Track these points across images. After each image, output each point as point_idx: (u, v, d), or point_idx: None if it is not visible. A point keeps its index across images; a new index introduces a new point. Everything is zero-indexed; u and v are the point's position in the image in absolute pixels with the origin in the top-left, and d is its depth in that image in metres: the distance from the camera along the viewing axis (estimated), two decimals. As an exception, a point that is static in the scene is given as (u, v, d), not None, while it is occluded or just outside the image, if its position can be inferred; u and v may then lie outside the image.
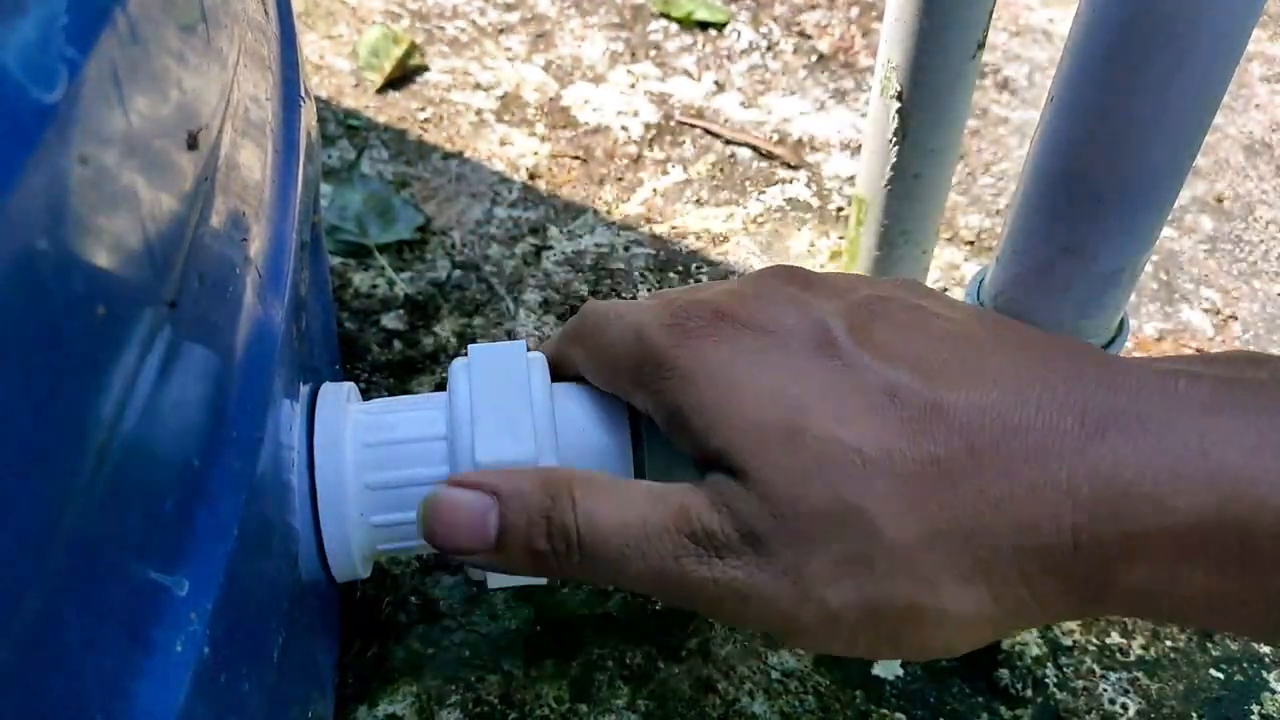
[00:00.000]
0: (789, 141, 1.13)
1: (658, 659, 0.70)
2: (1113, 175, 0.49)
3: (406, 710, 0.66)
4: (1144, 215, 0.51)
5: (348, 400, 0.54)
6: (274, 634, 0.41)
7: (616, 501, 0.41)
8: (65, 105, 0.25)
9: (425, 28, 1.23)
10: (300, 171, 0.53)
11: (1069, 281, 0.54)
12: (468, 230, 1.00)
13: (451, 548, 0.44)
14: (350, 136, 1.08)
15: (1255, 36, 1.30)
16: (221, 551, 0.35)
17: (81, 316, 0.27)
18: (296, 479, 0.47)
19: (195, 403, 0.36)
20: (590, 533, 0.41)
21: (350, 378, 0.85)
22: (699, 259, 0.99)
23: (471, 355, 0.52)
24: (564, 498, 0.41)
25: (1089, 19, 0.47)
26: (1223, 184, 1.12)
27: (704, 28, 1.27)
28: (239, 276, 0.41)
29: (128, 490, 0.30)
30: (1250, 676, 0.72)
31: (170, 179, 0.34)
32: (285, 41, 0.59)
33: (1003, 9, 1.32)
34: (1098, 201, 0.51)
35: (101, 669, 0.29)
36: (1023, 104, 1.19)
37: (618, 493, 0.42)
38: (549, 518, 0.41)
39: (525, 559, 0.42)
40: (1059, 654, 0.73)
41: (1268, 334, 0.96)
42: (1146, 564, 0.34)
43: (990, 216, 1.05)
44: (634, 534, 0.40)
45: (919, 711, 0.69)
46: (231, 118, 0.42)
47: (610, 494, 0.42)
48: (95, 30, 0.27)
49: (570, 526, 0.41)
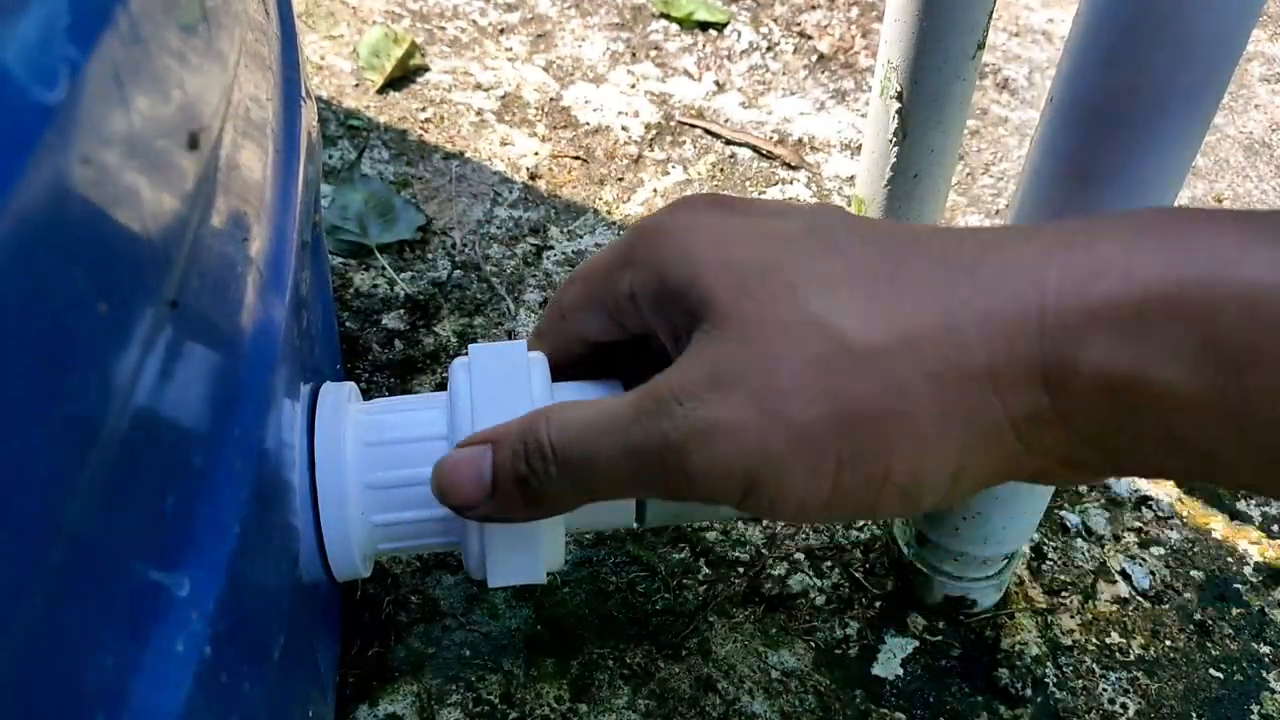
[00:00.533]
0: (789, 142, 1.13)
1: (658, 659, 0.70)
2: (1113, 175, 0.49)
3: (407, 709, 0.66)
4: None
5: (348, 400, 0.54)
6: (275, 633, 0.41)
7: (584, 408, 0.43)
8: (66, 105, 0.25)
9: (426, 28, 1.23)
10: (301, 171, 0.53)
11: (1069, 281, 0.54)
12: (468, 230, 1.00)
13: (459, 502, 0.45)
14: (351, 136, 1.08)
15: (1255, 36, 1.30)
16: (222, 551, 0.35)
17: (83, 315, 0.27)
18: (297, 478, 0.47)
19: (196, 402, 0.36)
20: (561, 438, 0.42)
21: (351, 377, 0.85)
22: (699, 259, 0.99)
23: (472, 355, 0.53)
24: (539, 421, 0.43)
25: (1089, 19, 0.47)
26: (1223, 184, 1.12)
27: (704, 28, 1.27)
28: (240, 276, 0.41)
29: (128, 489, 0.30)
30: (1250, 676, 0.72)
31: (171, 179, 0.34)
32: (286, 42, 0.59)
33: (1003, 9, 1.32)
34: (1098, 201, 0.51)
35: (102, 668, 0.29)
36: (1022, 104, 1.19)
37: (586, 404, 0.43)
38: (525, 442, 0.43)
39: (515, 493, 0.44)
40: (1059, 654, 0.73)
41: (1268, 334, 0.96)
42: (1108, 337, 0.34)
43: (990, 217, 1.05)
44: (599, 422, 0.41)
45: (919, 711, 0.69)
46: (232, 118, 0.43)
47: (579, 406, 0.43)
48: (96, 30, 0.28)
49: (544, 441, 0.42)
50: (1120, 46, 0.46)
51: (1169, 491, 0.84)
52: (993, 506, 0.65)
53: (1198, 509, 0.83)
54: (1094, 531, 0.81)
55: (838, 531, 0.79)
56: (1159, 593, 0.77)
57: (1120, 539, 0.81)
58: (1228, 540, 0.81)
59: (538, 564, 0.50)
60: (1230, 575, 0.79)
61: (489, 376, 0.51)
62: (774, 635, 0.72)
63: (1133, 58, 0.45)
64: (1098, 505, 0.83)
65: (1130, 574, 0.78)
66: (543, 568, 0.51)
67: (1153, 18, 0.44)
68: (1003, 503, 0.65)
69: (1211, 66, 0.45)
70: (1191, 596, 0.77)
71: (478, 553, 0.50)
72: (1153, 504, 0.83)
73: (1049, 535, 0.80)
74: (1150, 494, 0.84)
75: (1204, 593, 0.78)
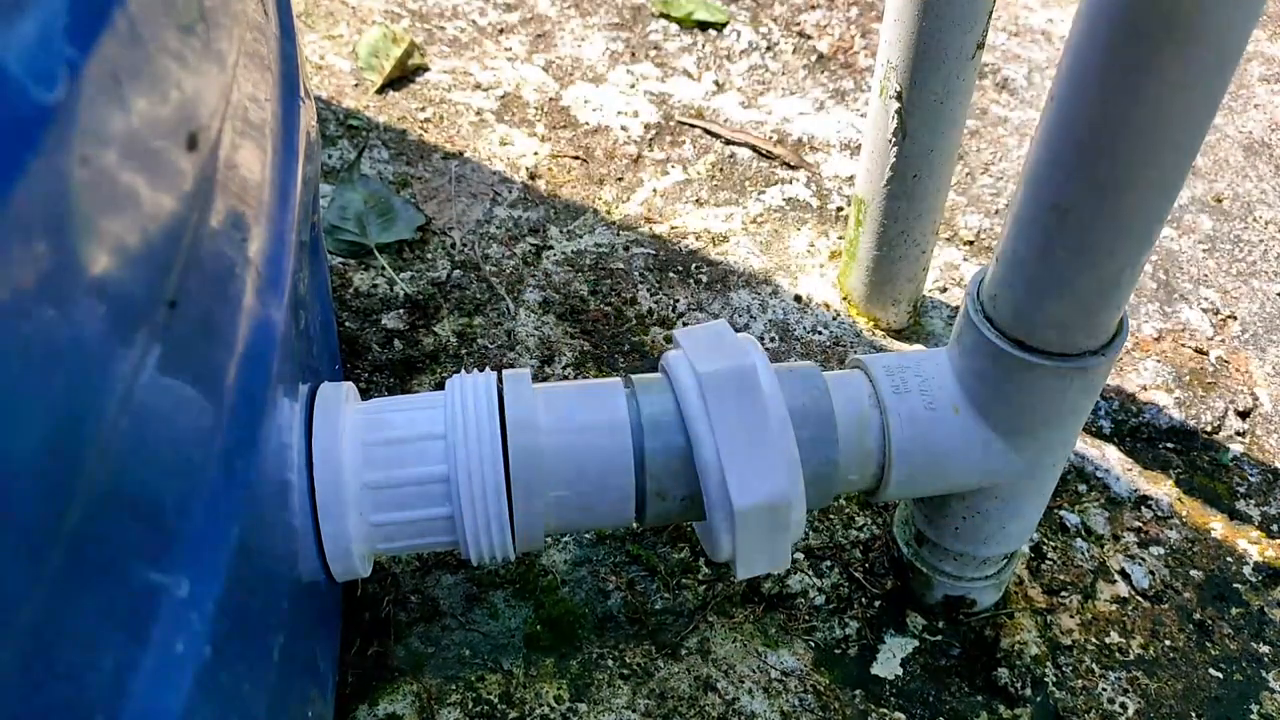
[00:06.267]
0: (788, 142, 1.13)
1: (657, 658, 0.70)
2: (1112, 175, 0.49)
3: (407, 709, 0.66)
4: (1143, 215, 0.51)
5: (346, 400, 0.54)
6: (274, 633, 0.41)
7: None
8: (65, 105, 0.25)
9: (425, 28, 1.23)
10: (300, 171, 0.53)
11: (1069, 281, 0.54)
12: (468, 230, 1.00)
13: None
14: (350, 136, 1.08)
15: (1255, 36, 1.30)
16: (222, 551, 0.35)
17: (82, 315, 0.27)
18: (296, 478, 0.47)
19: (195, 402, 0.36)
20: None
21: (350, 377, 0.85)
22: (699, 259, 0.99)
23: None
24: None
25: (1089, 19, 0.47)
26: (1222, 184, 1.12)
27: (704, 28, 1.27)
28: (239, 276, 0.41)
29: (128, 490, 0.30)
30: (1249, 676, 0.72)
31: (170, 179, 0.34)
32: (285, 42, 0.59)
33: (1002, 9, 1.32)
34: (1097, 201, 0.51)
35: (102, 669, 0.29)
36: (1022, 104, 1.19)
37: None
38: None
39: None
40: (1058, 653, 0.73)
41: (1266, 333, 0.96)
42: None
43: (989, 216, 1.05)
44: None
45: (918, 710, 0.69)
46: (231, 118, 0.43)
47: None
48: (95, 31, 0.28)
49: None
50: (1120, 46, 0.46)
51: (1169, 491, 0.84)
52: (992, 506, 0.65)
53: (1197, 509, 0.83)
54: (1093, 531, 0.81)
55: (837, 531, 0.79)
56: (1158, 592, 0.77)
57: (1120, 539, 0.81)
58: (1227, 540, 0.81)
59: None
60: (1230, 575, 0.79)
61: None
62: (773, 635, 0.72)
63: (1133, 58, 0.45)
64: (1097, 505, 0.83)
65: (1130, 574, 0.78)
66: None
67: (1153, 18, 0.44)
68: (1003, 502, 0.65)
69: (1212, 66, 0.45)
70: (1191, 596, 0.77)
71: (728, 548, 0.56)
72: (1152, 504, 0.83)
73: (1049, 535, 0.80)
74: (1150, 494, 0.84)
75: (1203, 592, 0.78)
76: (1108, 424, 0.88)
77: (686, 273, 0.97)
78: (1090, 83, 0.48)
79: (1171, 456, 0.87)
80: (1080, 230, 0.52)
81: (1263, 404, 0.91)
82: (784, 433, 0.56)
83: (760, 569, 0.57)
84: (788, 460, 0.55)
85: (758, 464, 0.54)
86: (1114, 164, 0.49)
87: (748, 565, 0.56)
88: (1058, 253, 0.53)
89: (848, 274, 0.94)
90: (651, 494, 0.57)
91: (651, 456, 0.57)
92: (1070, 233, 0.52)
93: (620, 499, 0.57)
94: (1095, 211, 0.51)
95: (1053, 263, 0.54)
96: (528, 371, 0.58)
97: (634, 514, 0.58)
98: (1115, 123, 0.48)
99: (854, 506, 0.81)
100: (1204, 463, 0.86)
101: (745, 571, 0.56)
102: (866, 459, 0.61)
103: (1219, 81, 0.46)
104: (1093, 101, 0.48)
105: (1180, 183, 0.51)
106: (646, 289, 0.96)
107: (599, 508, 0.57)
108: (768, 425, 0.55)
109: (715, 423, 0.55)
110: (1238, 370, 0.93)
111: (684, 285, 0.96)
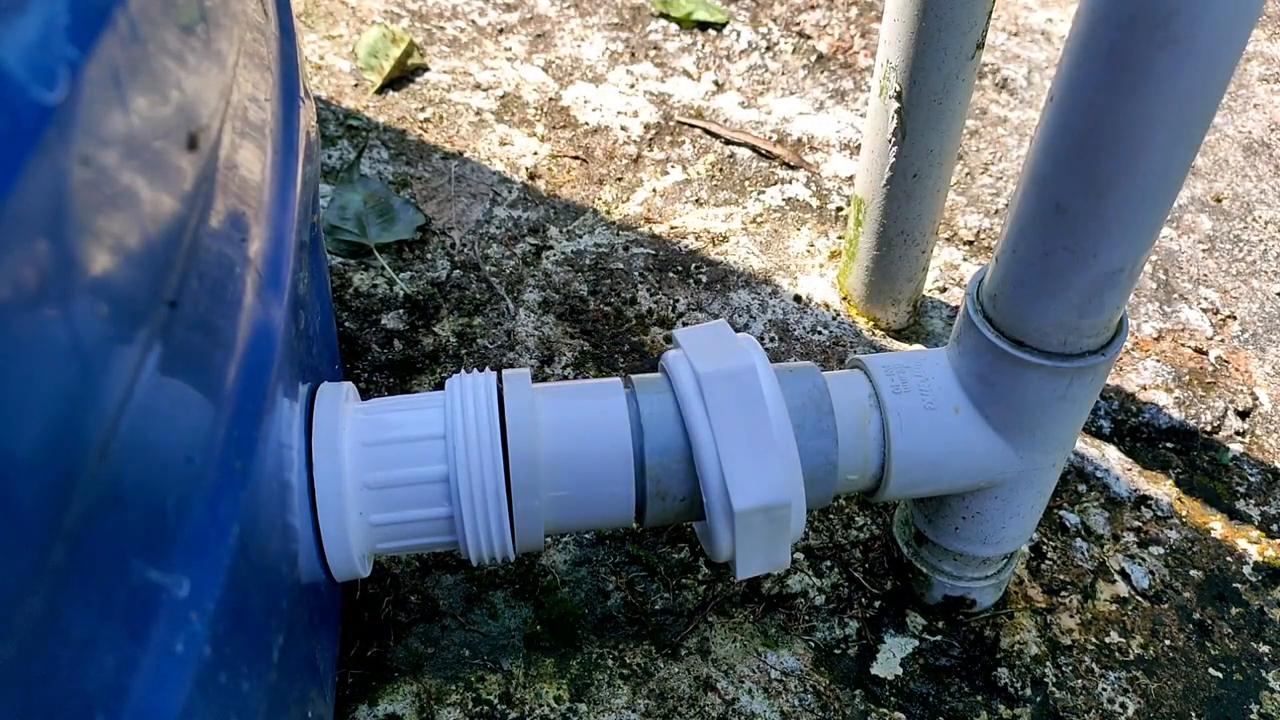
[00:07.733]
0: (788, 141, 1.13)
1: (657, 658, 0.70)
2: (1112, 175, 0.49)
3: (406, 709, 0.66)
4: (1143, 214, 0.51)
5: (346, 400, 0.54)
6: (274, 633, 0.41)
7: None
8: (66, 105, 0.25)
9: (425, 28, 1.23)
10: (300, 171, 0.53)
11: (1068, 281, 0.54)
12: (468, 230, 1.00)
13: None
14: (350, 137, 1.08)
15: (1255, 36, 1.30)
16: (222, 551, 0.35)
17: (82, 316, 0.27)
18: (296, 478, 0.47)
19: (195, 402, 0.36)
20: None
21: (350, 377, 0.85)
22: (698, 259, 0.99)
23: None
24: None
25: (1089, 19, 0.47)
26: (1221, 184, 1.12)
27: (703, 28, 1.27)
28: (239, 276, 0.41)
29: (128, 489, 0.30)
30: (1249, 676, 0.72)
31: (170, 179, 0.34)
32: (285, 42, 0.59)
33: (1002, 9, 1.32)
34: (1097, 201, 0.51)
35: (102, 668, 0.29)
36: (1021, 104, 1.19)
37: None
38: None
39: None
40: (1058, 653, 0.73)
41: (1266, 333, 0.96)
42: None
43: (989, 216, 1.05)
44: None
45: (918, 710, 0.69)
46: (231, 118, 0.43)
47: None
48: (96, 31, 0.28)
49: None
50: (1120, 46, 0.46)
51: (1168, 491, 0.84)
52: (992, 506, 0.65)
53: (1197, 508, 0.83)
54: (1093, 531, 0.81)
55: (837, 531, 0.79)
56: (1158, 592, 0.77)
57: (1119, 538, 0.81)
58: (1227, 540, 0.81)
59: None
60: (1229, 575, 0.79)
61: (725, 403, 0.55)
62: (773, 635, 0.72)
63: (1133, 58, 0.46)
64: (1097, 505, 0.83)
65: (1129, 573, 0.78)
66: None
67: (1153, 18, 0.44)
68: (1003, 502, 0.65)
69: (1212, 66, 0.45)
70: (1191, 596, 0.77)
71: (727, 548, 0.56)
72: (1152, 504, 0.83)
73: (1049, 535, 0.80)
74: (1150, 494, 0.84)
75: (1203, 592, 0.78)
76: (1108, 424, 0.88)
77: (686, 273, 0.97)
78: (1089, 83, 0.48)
79: (1171, 456, 0.87)
80: (1079, 230, 0.52)
81: (1262, 404, 0.91)
82: (784, 433, 0.56)
83: (760, 569, 0.57)
84: (787, 460, 0.55)
85: (757, 464, 0.54)
86: (1113, 163, 0.49)
87: (747, 565, 0.56)
88: (1057, 252, 0.53)
89: (847, 274, 0.94)
90: (651, 494, 0.57)
91: (651, 457, 0.57)
92: (1070, 232, 0.52)
93: (620, 499, 0.57)
94: (1094, 211, 0.51)
95: (1052, 262, 0.54)
96: (527, 372, 0.58)
97: (634, 514, 0.58)
98: (1114, 122, 0.48)
99: (854, 506, 0.81)
100: (1204, 462, 0.86)
101: (745, 572, 0.57)
102: (866, 459, 0.62)
103: (1218, 81, 0.47)
104: (1092, 101, 0.48)
105: (1180, 182, 0.51)
106: (646, 289, 0.96)
107: (599, 508, 0.57)
108: (767, 425, 0.55)
109: (715, 423, 0.55)
110: (1237, 370, 0.93)
111: (684, 285, 0.96)
